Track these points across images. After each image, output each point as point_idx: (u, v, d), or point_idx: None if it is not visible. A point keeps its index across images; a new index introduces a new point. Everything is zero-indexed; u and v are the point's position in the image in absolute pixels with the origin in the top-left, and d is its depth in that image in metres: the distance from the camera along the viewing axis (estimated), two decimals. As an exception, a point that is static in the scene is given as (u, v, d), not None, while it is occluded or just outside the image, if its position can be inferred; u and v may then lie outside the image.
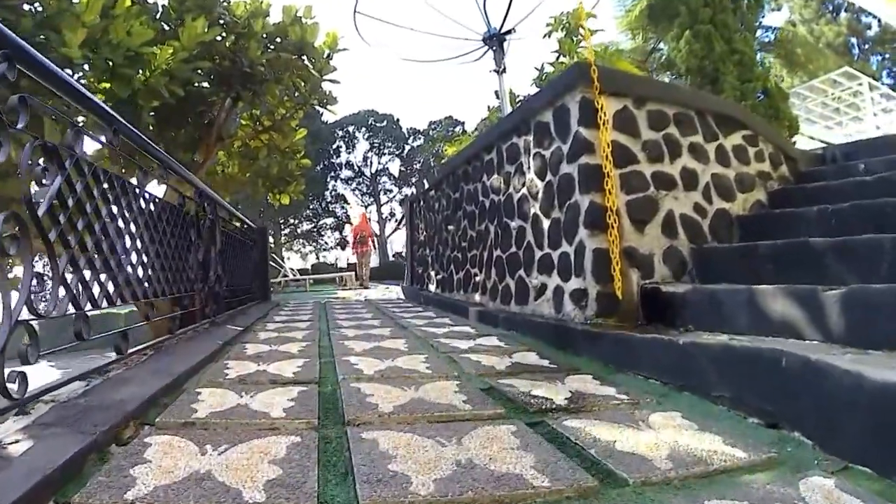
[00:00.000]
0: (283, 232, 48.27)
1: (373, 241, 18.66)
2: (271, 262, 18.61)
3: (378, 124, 48.45)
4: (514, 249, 5.50)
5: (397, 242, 51.17)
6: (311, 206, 46.71)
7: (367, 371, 3.29)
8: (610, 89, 4.29)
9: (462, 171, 7.24)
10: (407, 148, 49.60)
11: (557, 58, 6.40)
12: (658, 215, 4.38)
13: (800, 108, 20.69)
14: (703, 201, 4.69)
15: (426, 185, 9.39)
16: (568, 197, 4.43)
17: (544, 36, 6.87)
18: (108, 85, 7.75)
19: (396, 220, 50.47)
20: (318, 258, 49.77)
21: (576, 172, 4.32)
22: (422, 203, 9.96)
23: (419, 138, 49.56)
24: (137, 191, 3.48)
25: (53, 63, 2.42)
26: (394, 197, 50.35)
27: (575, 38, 6.40)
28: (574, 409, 2.52)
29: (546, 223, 4.82)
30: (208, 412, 2.46)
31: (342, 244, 44.93)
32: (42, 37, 6.40)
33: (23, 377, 2.11)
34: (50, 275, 2.41)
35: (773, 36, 24.85)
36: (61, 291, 2.44)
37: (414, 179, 48.90)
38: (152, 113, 8.60)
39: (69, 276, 2.53)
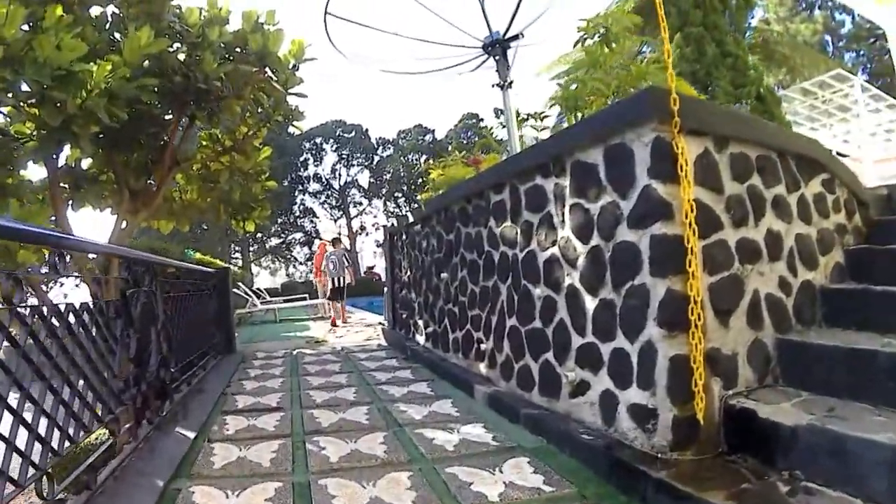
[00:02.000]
0: (250, 249, 46.71)
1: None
2: (238, 293, 17.31)
3: (346, 135, 47.13)
4: (538, 324, 4.36)
5: (367, 253, 50.05)
6: (278, 222, 45.26)
7: None
8: (689, 126, 3.16)
9: (459, 209, 6.09)
10: (376, 159, 48.34)
11: (587, 71, 5.23)
12: (743, 300, 3.31)
13: (787, 111, 19.98)
14: (788, 273, 3.63)
15: (410, 218, 8.20)
16: (629, 276, 3.30)
17: (576, 44, 5.70)
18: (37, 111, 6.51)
19: (367, 234, 49.15)
20: (287, 275, 48.29)
21: (645, 244, 3.18)
22: (404, 237, 8.76)
23: (388, 148, 48.37)
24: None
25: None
26: (364, 210, 49.07)
27: (613, 47, 5.22)
28: None
29: (590, 302, 3.69)
30: None
31: (313, 260, 43.31)
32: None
33: None
34: None
35: (751, 36, 24.22)
36: None
37: (384, 191, 47.69)
38: (101, 136, 7.42)
39: None
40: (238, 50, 8.98)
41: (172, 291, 5.48)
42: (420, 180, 45.42)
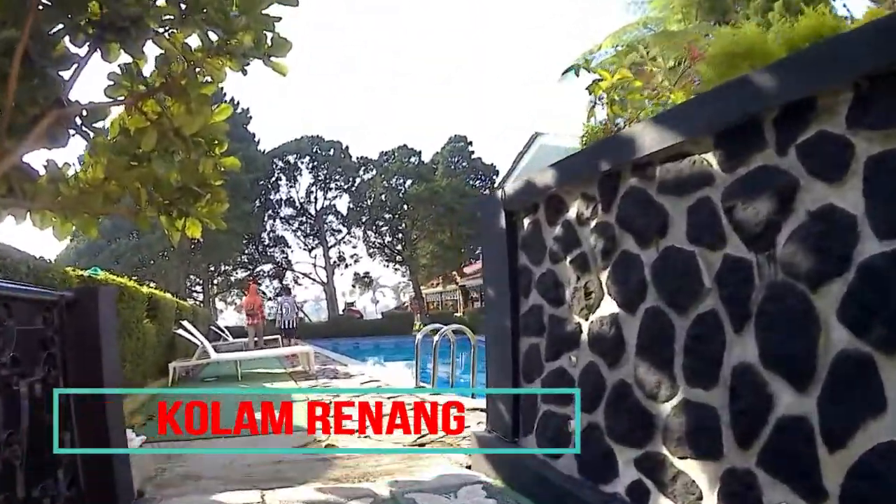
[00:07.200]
0: (213, 283, 40.96)
1: (262, 314, 19.99)
2: (183, 335, 11.94)
3: (324, 153, 41.86)
4: None
5: (342, 289, 45.07)
6: (246, 251, 39.71)
7: None
8: None
9: None
10: (357, 181, 43.10)
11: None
12: None
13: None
14: None
15: (643, 146, 2.70)
16: None
17: None
18: None
19: (346, 266, 43.81)
20: (254, 312, 42.96)
21: None
22: (585, 213, 3.35)
23: (371, 170, 43.14)
24: None
25: None
26: (342, 238, 43.75)
27: None
28: None
29: None
30: None
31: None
32: None
33: None
34: None
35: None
36: None
37: (364, 218, 42.40)
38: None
39: None
40: None
41: None
42: (406, 206, 40.32)
